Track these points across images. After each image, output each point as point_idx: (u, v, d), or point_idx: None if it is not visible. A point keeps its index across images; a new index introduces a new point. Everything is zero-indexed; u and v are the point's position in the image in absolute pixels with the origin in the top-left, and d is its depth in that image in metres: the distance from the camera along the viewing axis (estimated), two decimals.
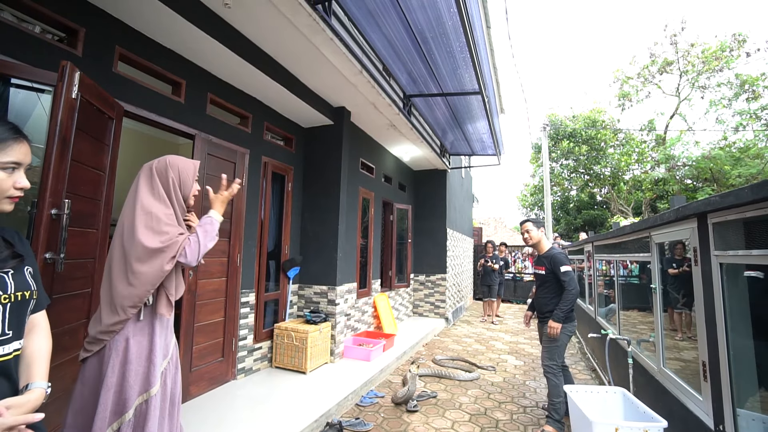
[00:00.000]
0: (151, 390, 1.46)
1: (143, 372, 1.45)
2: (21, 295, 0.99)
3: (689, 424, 2.02)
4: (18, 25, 2.10)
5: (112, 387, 1.40)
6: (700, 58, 15.83)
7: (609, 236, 4.13)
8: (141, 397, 1.44)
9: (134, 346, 1.44)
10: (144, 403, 1.44)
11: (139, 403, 1.43)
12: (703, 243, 1.87)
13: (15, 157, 0.95)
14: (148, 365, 1.47)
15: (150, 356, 1.48)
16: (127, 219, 1.49)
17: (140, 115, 2.82)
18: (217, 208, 1.68)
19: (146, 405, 1.44)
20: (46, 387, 1.03)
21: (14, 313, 0.97)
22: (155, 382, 1.47)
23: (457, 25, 3.34)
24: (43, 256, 1.80)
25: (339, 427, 2.87)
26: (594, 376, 4.50)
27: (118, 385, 1.41)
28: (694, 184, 15.89)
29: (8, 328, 0.95)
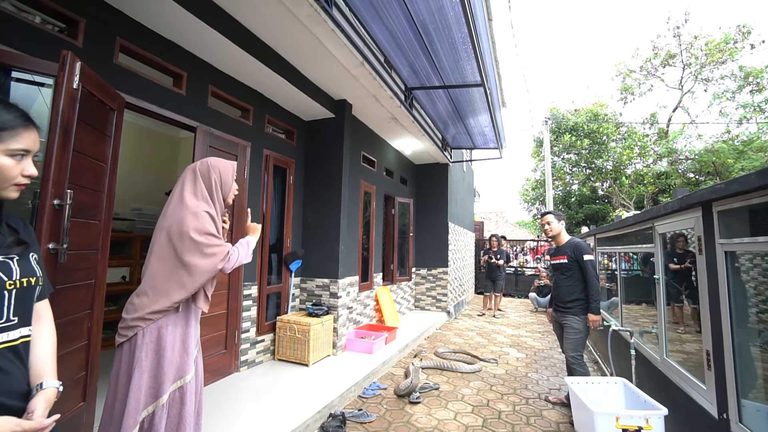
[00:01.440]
0: (186, 377, 1.55)
1: (177, 361, 1.54)
2: (27, 282, 0.98)
3: (692, 413, 2.03)
4: (18, 15, 2.08)
5: (146, 371, 1.47)
6: (703, 51, 15.69)
7: (612, 228, 4.12)
8: (175, 384, 1.52)
9: (169, 336, 1.53)
10: (178, 390, 1.53)
11: (173, 390, 1.51)
12: (708, 231, 1.86)
13: (24, 145, 0.94)
14: (183, 354, 1.56)
15: (185, 346, 1.57)
16: (176, 218, 1.59)
17: (141, 107, 2.81)
18: (250, 233, 1.94)
19: (181, 392, 1.53)
20: (59, 386, 1.03)
21: (20, 300, 0.96)
22: (189, 370, 1.56)
23: (459, 16, 3.32)
24: (46, 247, 1.80)
25: (342, 418, 2.89)
26: (597, 368, 4.52)
27: (152, 369, 1.48)
28: (696, 178, 15.81)
29: (13, 315, 0.94)
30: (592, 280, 3.17)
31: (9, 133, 0.91)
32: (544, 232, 3.51)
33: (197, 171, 1.71)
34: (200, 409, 1.69)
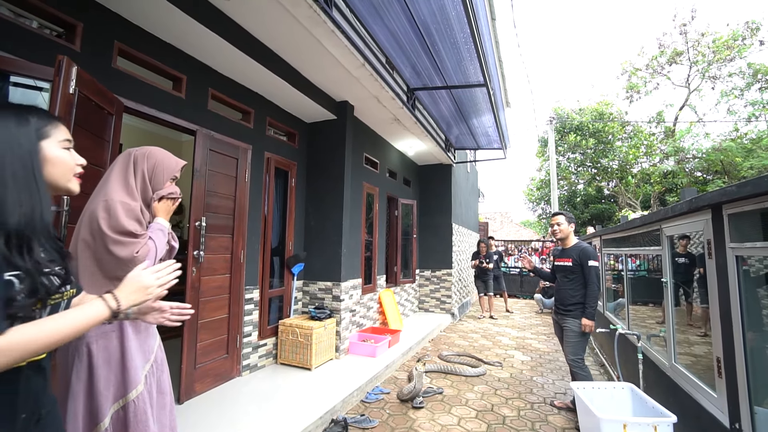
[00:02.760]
0: (129, 395, 1.39)
1: (115, 378, 1.38)
2: (74, 293, 1.02)
3: (703, 421, 1.96)
4: (15, 20, 2.08)
5: (79, 394, 1.33)
6: (710, 48, 15.51)
7: (618, 229, 4.05)
8: (117, 403, 1.37)
9: (100, 352, 1.36)
10: (121, 409, 1.38)
11: (115, 410, 1.37)
12: (718, 235, 1.80)
13: (68, 135, 1.00)
14: (121, 370, 1.39)
15: (122, 361, 1.40)
16: (92, 207, 1.43)
17: (141, 111, 2.80)
18: (162, 215, 1.61)
19: (124, 411, 1.38)
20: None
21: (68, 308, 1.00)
22: (133, 387, 1.40)
23: (462, 15, 3.27)
24: None
25: (344, 423, 2.85)
26: (603, 372, 4.44)
27: (86, 392, 1.34)
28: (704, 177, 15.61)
29: None
30: (593, 286, 3.14)
31: (52, 127, 0.96)
32: (552, 233, 3.46)
33: (132, 156, 1.55)
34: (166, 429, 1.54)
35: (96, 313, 0.90)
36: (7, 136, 0.87)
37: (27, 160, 0.89)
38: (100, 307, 0.91)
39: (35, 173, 0.90)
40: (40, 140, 0.93)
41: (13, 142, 0.88)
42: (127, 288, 0.98)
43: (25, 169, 0.88)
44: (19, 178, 0.86)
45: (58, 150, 0.96)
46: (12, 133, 0.88)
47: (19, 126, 0.90)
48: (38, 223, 0.88)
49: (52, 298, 0.90)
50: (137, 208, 1.48)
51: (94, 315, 0.90)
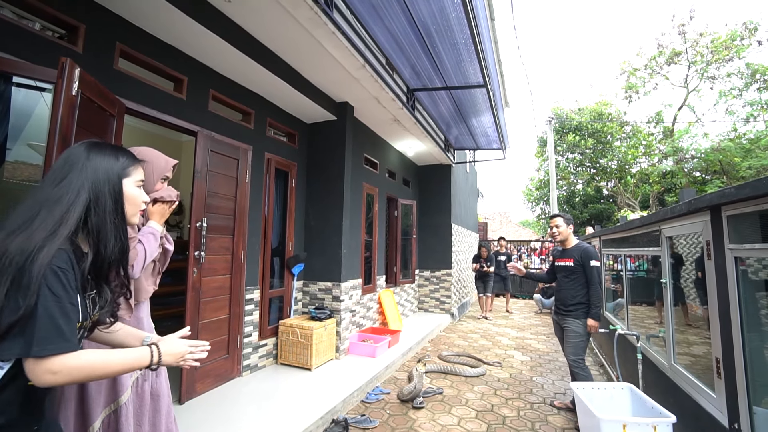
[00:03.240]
0: (120, 399, 1.40)
1: (106, 383, 1.39)
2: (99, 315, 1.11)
3: (702, 421, 1.98)
4: (18, 22, 2.08)
5: (71, 399, 1.34)
6: (709, 48, 15.54)
7: (617, 230, 4.06)
8: (108, 408, 1.38)
9: None
10: (113, 413, 1.39)
11: (106, 414, 1.38)
12: (717, 236, 1.82)
13: (142, 175, 1.13)
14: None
15: None
16: None
17: (142, 112, 2.80)
18: (156, 219, 1.62)
19: (115, 415, 1.39)
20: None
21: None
22: (123, 391, 1.41)
23: (461, 17, 3.28)
24: None
25: (345, 424, 2.86)
26: (602, 372, 4.46)
27: (78, 397, 1.35)
28: (703, 177, 15.65)
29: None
30: (596, 286, 3.17)
31: (133, 168, 1.08)
32: (551, 235, 3.48)
33: None
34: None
35: (143, 360, 1.00)
36: (106, 174, 0.99)
37: (118, 196, 1.01)
38: (146, 357, 1.01)
39: (122, 208, 1.02)
40: (124, 178, 1.04)
41: (110, 179, 0.99)
42: (167, 348, 1.07)
43: (117, 205, 1.00)
44: (113, 211, 0.98)
45: (133, 189, 1.08)
46: (109, 171, 1.00)
47: (114, 165, 1.02)
48: (125, 254, 1.01)
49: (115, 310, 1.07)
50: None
51: (141, 361, 1.00)
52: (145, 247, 1.50)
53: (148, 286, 1.60)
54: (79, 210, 0.91)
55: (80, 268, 0.90)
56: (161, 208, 1.62)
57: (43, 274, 0.81)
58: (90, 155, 0.99)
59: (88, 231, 0.93)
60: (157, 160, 1.60)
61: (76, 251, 0.91)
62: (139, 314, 1.54)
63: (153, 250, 1.54)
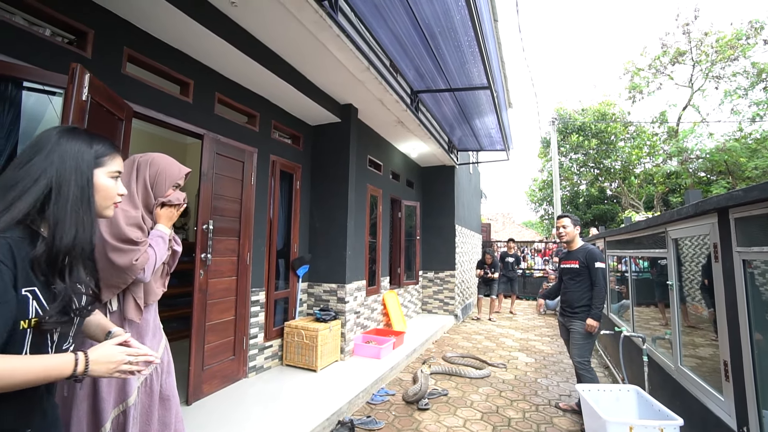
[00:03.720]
0: (129, 400, 1.41)
1: (116, 384, 1.40)
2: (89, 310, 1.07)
3: (710, 424, 1.97)
4: (29, 28, 2.11)
5: (84, 400, 1.36)
6: (714, 48, 15.45)
7: (622, 231, 4.05)
8: (117, 408, 1.40)
9: None
10: (122, 414, 1.41)
11: (116, 415, 1.39)
12: (725, 239, 1.81)
13: (119, 167, 1.07)
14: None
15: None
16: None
17: (149, 116, 2.83)
18: (163, 222, 1.61)
19: (124, 416, 1.41)
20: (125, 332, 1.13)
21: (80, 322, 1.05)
22: (132, 392, 1.43)
23: (466, 19, 3.29)
24: None
25: (351, 425, 2.87)
26: (607, 374, 4.44)
27: (90, 398, 1.37)
28: (708, 177, 15.55)
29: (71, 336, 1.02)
30: (600, 287, 3.16)
31: (109, 158, 1.03)
32: (557, 236, 3.47)
33: (135, 162, 1.56)
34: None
35: (63, 369, 0.87)
36: (75, 161, 0.94)
37: (86, 186, 0.95)
38: (68, 365, 0.87)
39: (90, 199, 0.96)
40: (95, 168, 0.99)
41: (78, 168, 0.94)
42: (98, 356, 0.94)
43: (83, 194, 0.94)
44: (78, 201, 0.92)
45: (105, 179, 1.02)
46: (79, 158, 0.95)
47: (85, 153, 0.97)
48: (87, 246, 0.94)
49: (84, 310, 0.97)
50: (138, 216, 1.49)
51: (60, 370, 0.86)
52: (155, 251, 1.50)
53: (157, 288, 1.62)
54: (33, 196, 0.86)
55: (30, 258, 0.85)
56: (169, 211, 1.62)
57: None
58: (60, 140, 0.94)
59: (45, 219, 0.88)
60: (170, 167, 1.60)
61: (34, 239, 0.87)
62: (146, 316, 1.55)
63: (162, 253, 1.55)
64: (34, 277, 0.85)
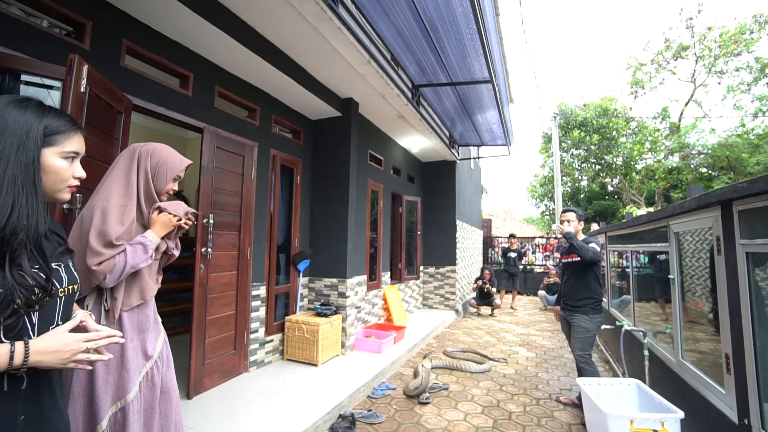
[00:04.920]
0: (127, 396, 1.39)
1: (114, 381, 1.38)
2: (72, 289, 1.01)
3: (711, 417, 1.97)
4: (26, 19, 2.09)
5: (79, 397, 1.33)
6: (717, 42, 15.32)
7: (624, 226, 4.04)
8: (114, 405, 1.38)
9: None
10: (119, 411, 1.38)
11: (113, 412, 1.37)
12: (728, 232, 1.80)
13: (75, 147, 0.97)
14: (120, 372, 1.39)
15: (122, 361, 1.39)
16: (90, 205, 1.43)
17: (148, 109, 2.81)
18: (155, 230, 1.51)
19: (123, 413, 1.38)
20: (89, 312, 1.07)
21: (66, 306, 1.00)
22: (131, 388, 1.40)
23: (468, 11, 3.26)
24: None
25: (351, 419, 2.88)
26: (608, 368, 4.45)
27: (86, 395, 1.34)
28: (709, 173, 15.50)
29: (61, 320, 0.97)
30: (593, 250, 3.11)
31: (62, 136, 0.94)
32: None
33: (137, 152, 1.52)
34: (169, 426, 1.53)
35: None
36: (18, 137, 0.85)
37: (30, 165, 0.87)
38: (1, 357, 0.79)
39: (35, 179, 0.87)
40: (45, 147, 0.91)
41: (22, 144, 0.86)
42: (44, 345, 0.85)
43: (27, 174, 0.86)
44: (19, 180, 0.84)
45: (56, 160, 0.93)
46: (23, 134, 0.86)
47: (32, 129, 0.88)
48: (32, 231, 0.86)
49: (35, 304, 0.87)
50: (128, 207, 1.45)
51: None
52: (127, 259, 1.40)
53: (153, 284, 1.59)
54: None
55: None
56: (166, 219, 1.53)
57: None
58: (4, 111, 0.85)
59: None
60: (172, 159, 1.56)
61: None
62: (146, 311, 1.53)
63: (138, 262, 1.43)
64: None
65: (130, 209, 1.47)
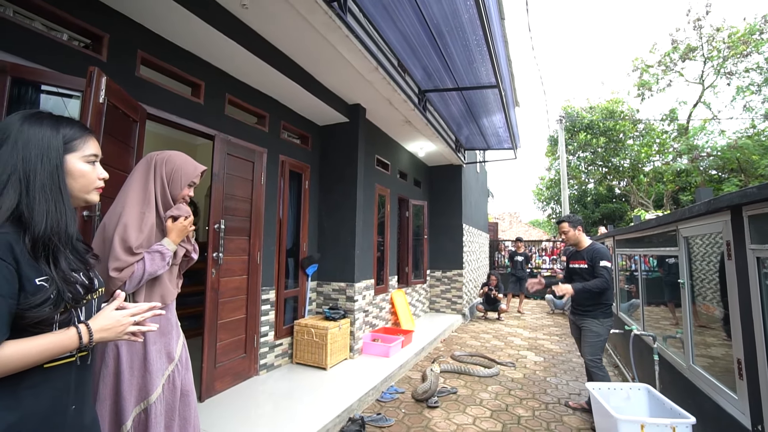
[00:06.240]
0: (150, 398, 1.43)
1: (137, 383, 1.43)
2: (102, 291, 1.09)
3: (723, 423, 1.96)
4: (48, 33, 2.16)
5: (106, 399, 1.38)
6: (726, 43, 15.19)
7: (632, 230, 4.02)
8: (138, 407, 1.42)
9: (125, 355, 1.41)
10: (143, 412, 1.43)
11: (137, 413, 1.42)
12: (738, 236, 1.81)
13: (93, 150, 1.04)
14: (144, 374, 1.44)
15: (145, 364, 1.45)
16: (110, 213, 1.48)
17: (162, 117, 2.88)
18: (172, 237, 1.57)
19: (146, 414, 1.43)
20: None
21: (100, 305, 1.08)
22: (153, 390, 1.44)
23: (474, 18, 3.29)
24: None
25: (361, 422, 2.90)
26: (617, 372, 4.42)
27: (112, 397, 1.39)
28: (719, 175, 15.32)
29: None
30: (602, 280, 3.10)
31: (80, 141, 1.00)
32: (564, 240, 3.48)
33: (153, 160, 1.57)
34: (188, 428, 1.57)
35: (68, 344, 0.90)
36: (40, 148, 0.92)
37: (54, 172, 0.93)
38: (72, 340, 0.90)
39: (61, 186, 0.94)
40: (67, 154, 0.97)
41: (45, 155, 0.92)
42: (101, 323, 0.97)
43: (53, 181, 0.93)
44: (47, 189, 0.91)
45: (80, 164, 1.00)
46: (45, 145, 0.93)
47: (52, 139, 0.94)
48: (63, 234, 0.93)
49: (82, 299, 0.97)
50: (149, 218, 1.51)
51: (65, 345, 0.90)
52: (145, 266, 1.46)
53: (173, 288, 1.65)
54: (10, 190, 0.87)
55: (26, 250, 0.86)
56: (180, 226, 1.58)
57: None
58: (23, 127, 0.92)
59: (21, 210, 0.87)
60: (186, 165, 1.61)
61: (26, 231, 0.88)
62: (168, 314, 1.58)
63: (156, 269, 1.49)
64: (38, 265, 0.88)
65: (149, 216, 1.52)
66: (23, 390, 0.85)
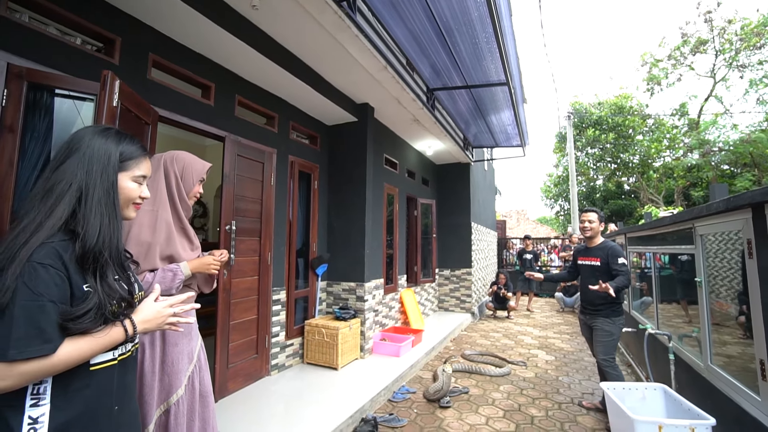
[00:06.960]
0: (171, 399, 1.46)
1: (158, 385, 1.45)
2: (141, 295, 1.12)
3: (745, 425, 1.93)
4: (61, 38, 2.18)
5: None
6: (738, 35, 14.90)
7: (646, 227, 3.97)
8: (160, 408, 1.45)
9: (147, 359, 1.44)
10: (164, 413, 1.45)
11: (158, 415, 1.44)
12: (760, 234, 1.77)
13: (144, 171, 1.09)
14: (163, 377, 1.46)
15: (163, 367, 1.47)
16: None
17: (174, 120, 2.90)
18: (192, 264, 1.57)
19: (167, 415, 1.45)
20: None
21: None
22: (174, 391, 1.47)
23: (484, 15, 3.27)
24: None
25: (374, 422, 2.90)
26: (630, 372, 4.37)
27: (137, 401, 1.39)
28: (731, 170, 15.06)
29: None
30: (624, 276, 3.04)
31: (134, 161, 1.05)
32: (581, 230, 3.40)
33: (162, 161, 1.61)
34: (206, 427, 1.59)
35: (116, 337, 0.95)
36: (102, 163, 0.96)
37: (110, 188, 0.98)
38: (120, 333, 0.95)
39: (115, 201, 0.98)
40: (119, 172, 1.02)
41: (104, 170, 0.97)
42: (144, 316, 1.02)
43: (108, 197, 0.97)
44: (102, 203, 0.95)
45: (128, 182, 1.04)
46: (105, 160, 0.97)
47: (112, 155, 0.99)
48: (114, 249, 0.96)
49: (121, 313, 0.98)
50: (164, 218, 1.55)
51: (114, 338, 0.94)
52: (155, 279, 1.48)
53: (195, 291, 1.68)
54: (68, 200, 0.90)
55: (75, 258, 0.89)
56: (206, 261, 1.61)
57: (20, 273, 0.80)
58: (92, 142, 0.97)
59: (78, 221, 0.91)
60: (194, 163, 1.68)
61: (75, 240, 0.90)
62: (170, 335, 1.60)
63: (165, 287, 1.48)
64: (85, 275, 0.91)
65: (162, 214, 1.55)
66: (72, 392, 0.88)
